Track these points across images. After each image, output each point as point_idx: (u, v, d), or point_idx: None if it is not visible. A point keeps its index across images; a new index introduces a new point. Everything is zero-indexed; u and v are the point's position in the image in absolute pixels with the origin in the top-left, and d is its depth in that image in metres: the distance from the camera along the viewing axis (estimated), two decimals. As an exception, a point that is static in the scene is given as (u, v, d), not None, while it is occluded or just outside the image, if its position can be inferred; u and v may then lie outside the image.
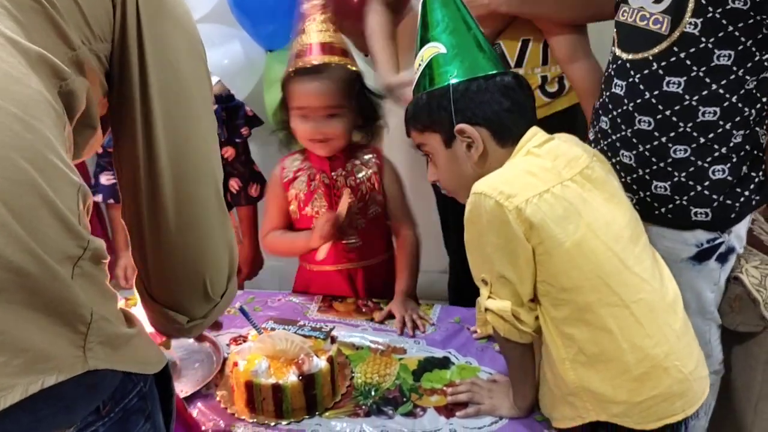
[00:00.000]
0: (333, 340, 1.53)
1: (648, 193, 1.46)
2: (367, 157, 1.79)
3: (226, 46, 2.32)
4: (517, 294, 1.24)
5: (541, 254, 1.21)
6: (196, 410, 1.44)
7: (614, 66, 1.47)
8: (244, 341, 1.52)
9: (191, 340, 1.58)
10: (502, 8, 1.70)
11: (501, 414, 1.38)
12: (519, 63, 1.80)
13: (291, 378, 1.41)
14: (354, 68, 1.69)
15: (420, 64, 1.33)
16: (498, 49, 1.76)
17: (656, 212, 1.47)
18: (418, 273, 1.83)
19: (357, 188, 1.77)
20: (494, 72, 1.30)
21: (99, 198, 2.02)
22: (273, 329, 1.51)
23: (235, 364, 1.46)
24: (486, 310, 1.28)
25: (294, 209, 1.80)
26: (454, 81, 1.28)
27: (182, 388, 1.49)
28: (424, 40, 1.34)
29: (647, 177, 1.45)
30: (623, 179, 1.48)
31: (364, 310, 1.76)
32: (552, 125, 1.39)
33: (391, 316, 1.71)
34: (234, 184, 2.02)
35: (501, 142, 1.29)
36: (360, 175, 1.77)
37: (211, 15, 2.32)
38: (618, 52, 1.45)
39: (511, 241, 1.20)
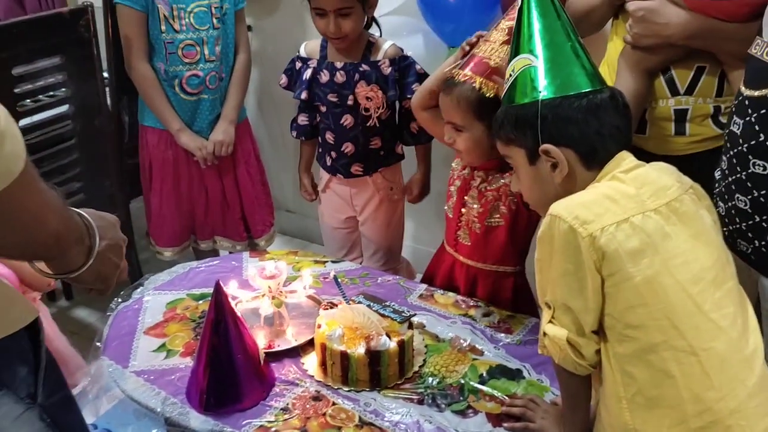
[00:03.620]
0: (411, 325, 1.59)
1: (764, 243, 1.33)
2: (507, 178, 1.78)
3: (410, 38, 2.43)
4: (578, 323, 1.19)
5: (610, 286, 1.16)
6: (278, 363, 1.60)
7: (736, 102, 1.34)
8: (334, 307, 1.63)
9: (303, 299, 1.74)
10: (682, 42, 1.60)
11: (548, 437, 1.36)
12: (689, 91, 1.67)
13: (359, 350, 1.50)
14: None
15: (511, 74, 1.33)
16: (668, 75, 1.67)
17: (772, 265, 1.33)
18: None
19: (484, 192, 1.79)
20: (588, 90, 1.26)
21: (294, 134, 2.29)
22: (359, 303, 1.62)
23: (319, 326, 1.58)
24: (544, 334, 1.26)
25: None
26: (543, 97, 1.26)
27: (279, 343, 1.65)
28: (517, 49, 1.33)
29: (764, 225, 1.31)
30: (738, 225, 1.36)
31: (463, 306, 1.79)
32: (717, 158, 1.33)
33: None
34: (415, 126, 2.16)
35: (588, 164, 1.25)
36: (492, 184, 1.78)
37: (401, 8, 2.45)
38: (742, 87, 1.33)
39: (581, 269, 1.16)
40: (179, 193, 2.50)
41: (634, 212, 1.16)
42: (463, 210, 1.83)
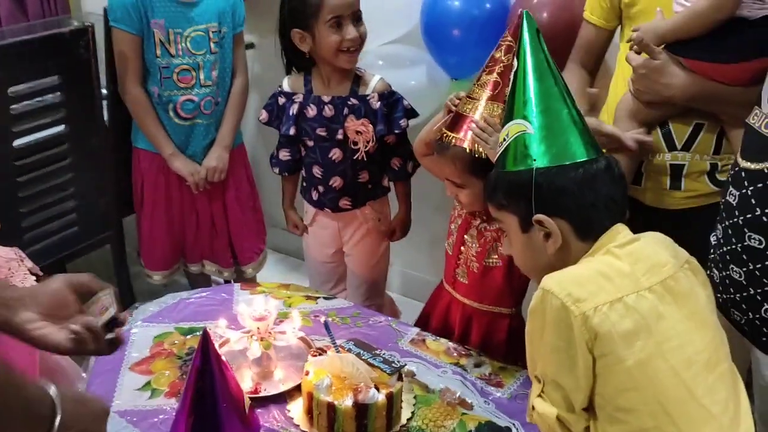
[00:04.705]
0: (400, 377, 1.56)
1: (758, 316, 1.31)
2: None
3: (413, 68, 2.41)
4: (569, 401, 1.17)
5: (601, 367, 1.13)
6: (264, 408, 1.57)
7: (732, 173, 1.32)
8: (323, 353, 1.61)
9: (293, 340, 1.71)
10: (682, 103, 1.58)
11: None
12: (687, 147, 1.65)
13: (346, 402, 1.48)
14: None
15: (505, 139, 1.30)
16: (665, 129, 1.65)
17: (765, 338, 1.31)
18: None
19: (484, 231, 1.77)
20: (584, 159, 1.23)
21: (276, 170, 2.27)
22: (349, 350, 1.59)
23: (307, 373, 1.56)
24: (533, 408, 1.24)
25: None
26: (538, 165, 1.23)
27: (266, 387, 1.63)
28: (512, 113, 1.30)
29: (758, 298, 1.30)
30: (733, 295, 1.33)
31: (455, 354, 1.77)
32: (712, 215, 1.32)
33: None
34: (396, 162, 2.17)
35: (582, 236, 1.23)
36: (492, 224, 1.76)
37: (404, 38, 2.42)
38: (738, 158, 1.30)
39: (572, 347, 1.13)
40: (170, 217, 2.47)
41: (628, 291, 1.14)
42: (462, 248, 1.81)
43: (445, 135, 1.67)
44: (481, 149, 1.57)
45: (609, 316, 1.11)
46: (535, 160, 1.24)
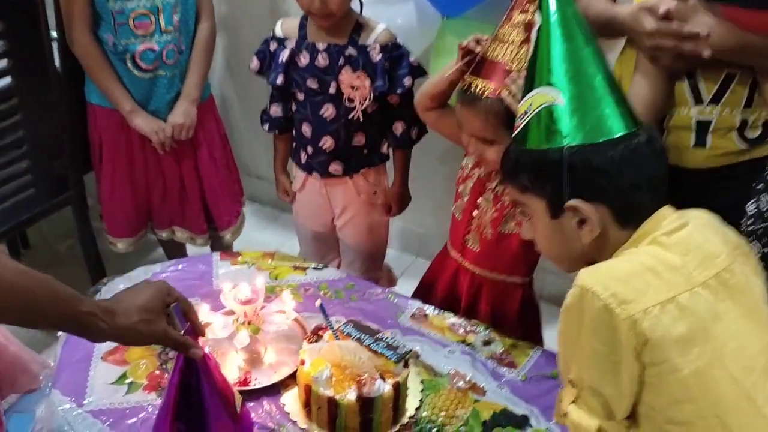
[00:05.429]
0: (406, 363, 1.41)
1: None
2: None
3: (400, 6, 2.18)
4: (609, 408, 1.03)
5: (652, 376, 0.99)
6: (255, 401, 1.42)
7: None
8: (319, 339, 1.45)
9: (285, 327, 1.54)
10: (714, 56, 1.39)
11: None
12: (715, 100, 1.48)
13: (349, 396, 1.33)
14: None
15: (527, 111, 1.11)
16: (692, 80, 1.47)
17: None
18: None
19: (501, 195, 1.61)
20: (623, 133, 1.05)
21: (266, 127, 2.04)
22: (349, 334, 1.43)
23: (302, 362, 1.40)
24: (564, 414, 1.09)
25: None
26: (570, 143, 1.05)
27: (257, 376, 1.47)
28: (535, 80, 1.11)
29: None
30: None
31: (461, 331, 1.62)
32: (738, 173, 1.23)
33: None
34: (398, 127, 1.95)
35: (623, 223, 1.06)
36: None
37: (391, -29, 2.18)
38: None
39: (615, 353, 0.98)
40: (133, 180, 2.23)
41: (681, 289, 0.98)
42: (474, 213, 1.64)
43: (473, 84, 1.47)
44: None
45: (661, 319, 0.96)
46: (566, 137, 1.06)
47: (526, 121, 1.11)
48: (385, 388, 1.34)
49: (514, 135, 1.15)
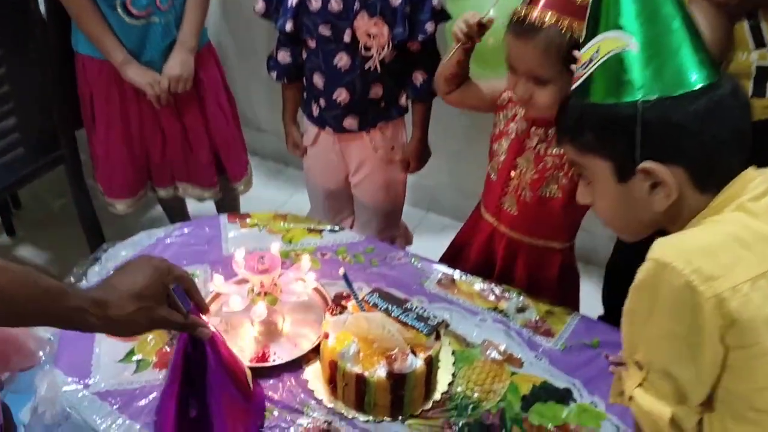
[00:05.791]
0: (438, 336, 1.31)
1: None
2: None
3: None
4: (682, 393, 0.92)
5: (737, 359, 0.88)
6: (276, 379, 1.31)
7: None
8: (343, 310, 1.33)
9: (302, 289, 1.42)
10: None
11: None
12: None
13: (379, 373, 1.23)
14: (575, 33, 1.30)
15: (592, 59, 0.97)
16: (753, 21, 1.33)
17: None
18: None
19: (543, 156, 1.47)
20: (705, 84, 0.92)
21: (274, 75, 1.89)
22: (375, 305, 1.32)
23: (326, 336, 1.29)
24: (630, 398, 0.98)
25: None
26: (645, 97, 0.92)
27: (276, 350, 1.37)
28: (600, 22, 0.97)
29: None
30: None
31: (491, 297, 1.51)
32: None
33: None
34: (418, 77, 1.80)
35: (702, 186, 0.94)
36: (555, 148, 1.46)
37: None
38: None
39: (696, 334, 0.87)
40: (130, 137, 2.08)
41: None
42: (512, 174, 1.51)
43: (529, 15, 1.30)
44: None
45: (751, 297, 0.84)
46: (640, 89, 0.92)
47: (591, 70, 0.97)
48: (417, 363, 1.24)
49: (574, 87, 1.01)
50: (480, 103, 1.55)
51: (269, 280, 1.37)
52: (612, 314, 2.04)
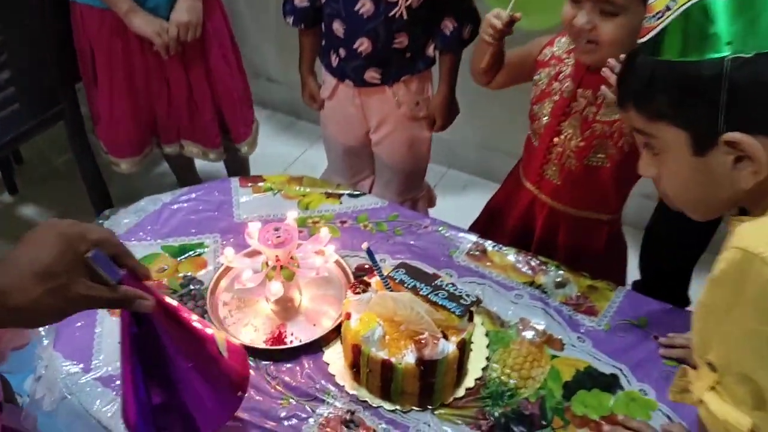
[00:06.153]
0: (471, 317, 1.18)
1: None
2: None
3: None
4: (760, 396, 0.80)
5: None
6: (295, 361, 1.20)
7: None
8: (366, 288, 1.21)
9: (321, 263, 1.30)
10: None
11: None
12: None
13: (407, 359, 1.12)
14: None
15: (668, 7, 0.81)
16: None
17: None
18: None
19: (592, 122, 1.33)
20: None
21: (290, 20, 1.74)
22: (401, 282, 1.20)
23: (348, 317, 1.17)
24: (700, 401, 0.87)
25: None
26: (733, 53, 0.77)
27: (293, 330, 1.25)
28: None
29: None
30: None
31: (524, 269, 1.38)
32: None
33: None
34: (448, 24, 1.65)
35: None
36: (605, 114, 1.31)
37: None
38: None
39: None
40: (134, 92, 1.93)
41: None
42: (556, 140, 1.37)
43: None
44: None
45: None
46: (728, 44, 0.77)
47: (666, 22, 0.82)
48: (449, 348, 1.12)
49: (643, 41, 0.86)
50: (526, 75, 1.42)
51: (285, 255, 1.25)
52: (648, 281, 1.92)
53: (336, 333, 1.24)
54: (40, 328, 1.41)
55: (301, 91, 1.87)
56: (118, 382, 1.15)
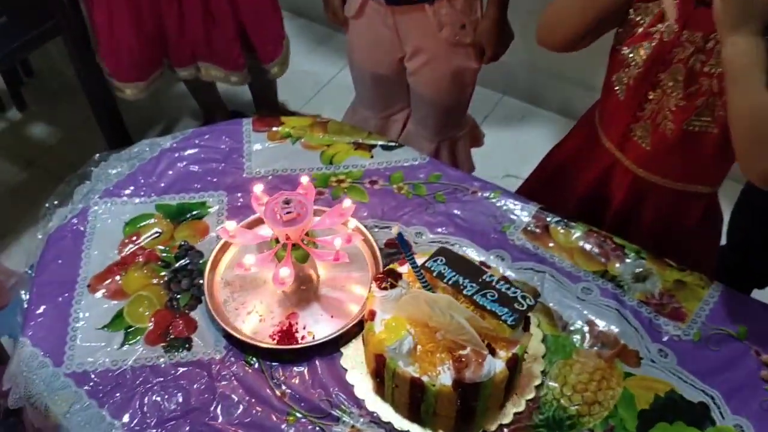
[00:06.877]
0: (528, 324, 0.94)
1: None
2: None
3: None
4: None
5: None
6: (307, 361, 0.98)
7: None
8: (395, 282, 0.97)
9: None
10: None
11: None
12: None
13: (442, 379, 0.89)
14: None
15: None
16: None
17: None
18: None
19: (698, 75, 1.01)
20: None
21: None
22: (440, 275, 0.95)
23: (371, 317, 0.94)
24: None
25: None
26: None
27: (305, 324, 1.03)
28: None
29: None
30: None
31: (596, 253, 1.11)
32: None
33: None
34: None
35: None
36: (717, 64, 0.98)
37: None
38: None
39: None
40: (138, 6, 1.65)
41: None
42: (651, 95, 1.06)
43: None
44: None
45: None
46: None
47: None
48: (497, 367, 0.89)
49: None
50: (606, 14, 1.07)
51: (297, 233, 1.01)
52: (737, 249, 1.63)
53: (358, 328, 1.01)
54: (9, 288, 1.22)
55: (324, 4, 1.56)
56: (90, 386, 0.96)
